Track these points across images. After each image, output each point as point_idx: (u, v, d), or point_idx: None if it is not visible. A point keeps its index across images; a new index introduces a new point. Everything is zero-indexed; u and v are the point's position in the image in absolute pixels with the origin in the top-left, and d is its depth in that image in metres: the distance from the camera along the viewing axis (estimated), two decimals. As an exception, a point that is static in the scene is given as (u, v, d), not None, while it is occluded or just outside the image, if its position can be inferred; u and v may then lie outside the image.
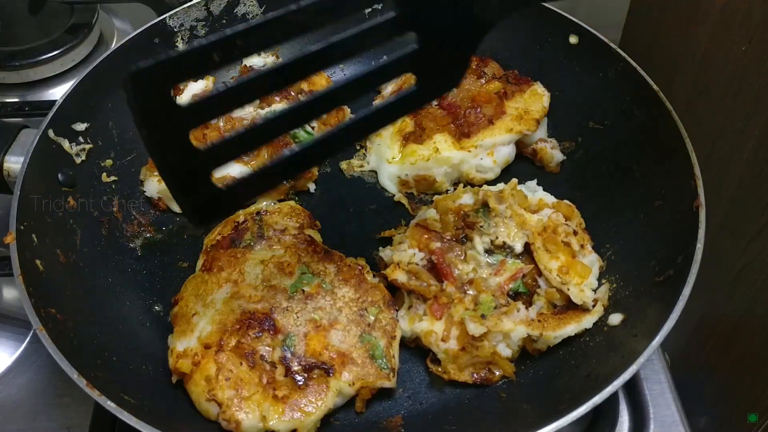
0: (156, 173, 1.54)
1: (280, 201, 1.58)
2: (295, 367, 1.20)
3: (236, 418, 1.16)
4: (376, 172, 1.65)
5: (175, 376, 1.24)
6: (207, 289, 1.32)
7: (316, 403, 1.18)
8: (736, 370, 1.69)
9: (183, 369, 1.22)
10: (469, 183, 1.59)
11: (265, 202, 1.54)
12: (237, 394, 1.17)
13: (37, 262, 1.28)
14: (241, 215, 1.47)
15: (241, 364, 1.20)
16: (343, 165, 1.68)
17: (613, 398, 1.33)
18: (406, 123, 1.61)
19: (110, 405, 1.08)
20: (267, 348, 1.22)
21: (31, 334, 1.48)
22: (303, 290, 1.31)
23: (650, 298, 1.28)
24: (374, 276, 1.39)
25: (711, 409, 1.76)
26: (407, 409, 1.28)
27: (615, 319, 1.30)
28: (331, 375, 1.20)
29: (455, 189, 1.55)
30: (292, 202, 1.53)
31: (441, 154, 1.53)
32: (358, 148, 1.72)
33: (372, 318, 1.29)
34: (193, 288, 1.34)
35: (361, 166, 1.68)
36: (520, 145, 1.63)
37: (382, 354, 1.24)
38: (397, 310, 1.34)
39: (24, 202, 1.31)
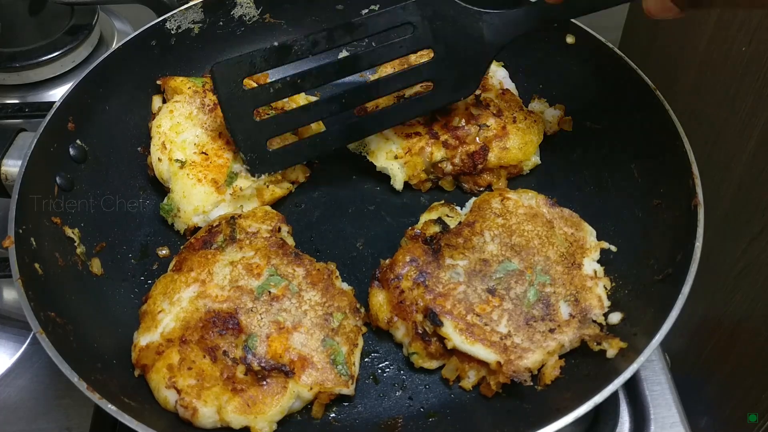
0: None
1: (279, 196, 1.58)
2: (256, 367, 1.20)
3: (194, 405, 1.17)
4: None
5: (137, 370, 1.25)
6: (174, 288, 1.32)
7: (272, 402, 1.19)
8: (737, 370, 1.69)
9: (145, 361, 1.23)
10: None
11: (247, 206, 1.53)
12: (198, 384, 1.19)
13: (36, 265, 1.27)
14: (216, 219, 1.46)
15: (204, 356, 1.21)
16: None
17: (614, 399, 1.33)
18: None
19: (111, 408, 1.08)
20: (230, 346, 1.23)
21: (31, 335, 1.48)
22: (269, 292, 1.30)
23: (649, 297, 1.27)
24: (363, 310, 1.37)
25: (711, 409, 1.76)
26: (407, 410, 1.28)
27: (614, 317, 1.29)
28: (290, 377, 1.21)
29: None
30: (266, 207, 1.52)
31: None
32: None
33: (336, 323, 1.29)
34: (161, 287, 1.34)
35: None
36: None
37: (343, 360, 1.24)
38: None
39: (22, 206, 1.31)
